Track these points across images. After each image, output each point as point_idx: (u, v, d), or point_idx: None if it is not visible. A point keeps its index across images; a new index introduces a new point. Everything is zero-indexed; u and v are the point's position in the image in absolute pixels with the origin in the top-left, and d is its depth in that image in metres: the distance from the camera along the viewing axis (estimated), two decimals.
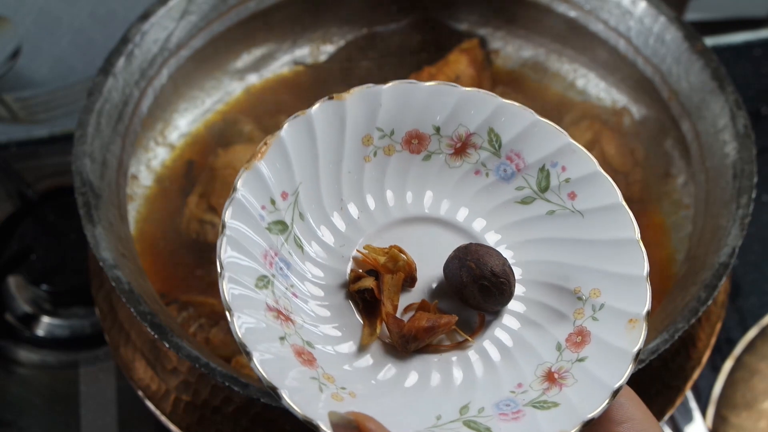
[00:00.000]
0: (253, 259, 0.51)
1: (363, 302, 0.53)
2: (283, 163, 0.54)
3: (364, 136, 0.56)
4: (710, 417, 0.95)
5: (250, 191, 0.52)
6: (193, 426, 0.77)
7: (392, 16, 1.01)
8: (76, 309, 0.99)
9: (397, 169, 0.57)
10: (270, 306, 0.50)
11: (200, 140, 0.96)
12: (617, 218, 0.54)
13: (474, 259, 0.52)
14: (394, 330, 0.52)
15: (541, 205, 0.56)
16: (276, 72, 1.01)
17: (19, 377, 0.97)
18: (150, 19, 0.88)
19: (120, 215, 0.81)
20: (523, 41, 1.01)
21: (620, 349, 0.50)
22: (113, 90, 0.85)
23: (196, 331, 0.83)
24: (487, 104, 0.57)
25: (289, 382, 0.48)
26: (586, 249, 0.54)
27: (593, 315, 0.53)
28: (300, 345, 0.50)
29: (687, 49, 0.88)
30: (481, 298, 0.52)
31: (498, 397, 0.51)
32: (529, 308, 0.54)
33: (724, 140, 0.82)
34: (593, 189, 0.55)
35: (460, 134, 0.57)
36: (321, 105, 0.55)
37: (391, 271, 0.53)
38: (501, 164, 0.57)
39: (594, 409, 0.49)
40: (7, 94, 1.12)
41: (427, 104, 0.57)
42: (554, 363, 0.52)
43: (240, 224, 0.51)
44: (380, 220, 0.56)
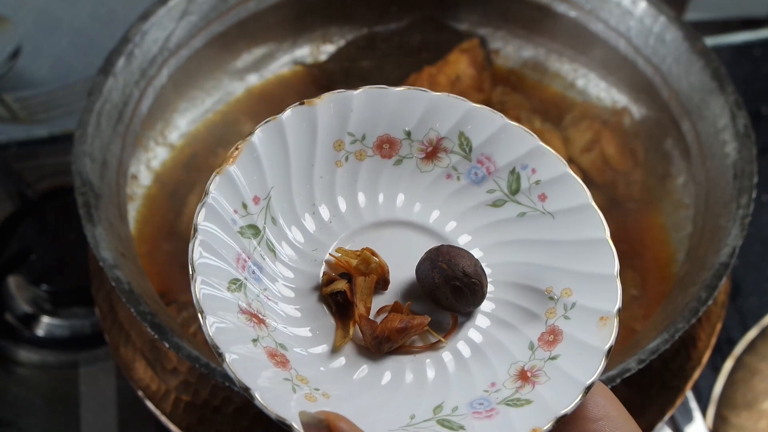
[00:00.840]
0: (225, 262, 0.51)
1: (336, 305, 0.53)
2: (255, 168, 0.54)
3: (336, 141, 0.57)
4: (710, 417, 0.95)
5: (222, 195, 0.53)
6: (193, 426, 0.77)
7: (392, 16, 1.01)
8: (76, 309, 0.99)
9: (369, 174, 0.57)
10: (242, 308, 0.51)
11: (200, 140, 0.96)
12: (587, 218, 0.55)
13: (446, 260, 0.52)
14: (367, 332, 0.52)
15: (512, 208, 0.57)
16: (276, 72, 1.01)
17: (19, 377, 0.97)
18: (150, 19, 0.88)
19: (120, 215, 0.81)
20: (523, 41, 1.01)
21: (592, 346, 0.51)
22: (113, 90, 0.85)
23: (196, 331, 0.83)
24: (457, 108, 0.57)
25: (262, 382, 0.48)
26: (557, 249, 0.55)
27: (565, 314, 0.53)
28: (273, 347, 0.50)
29: (687, 49, 0.88)
30: (453, 299, 0.53)
31: (472, 396, 0.51)
32: (501, 309, 0.55)
33: (724, 140, 0.82)
34: (563, 190, 0.56)
35: (430, 138, 0.58)
36: (292, 110, 0.55)
37: (364, 274, 0.54)
38: (472, 168, 0.58)
39: (567, 405, 0.49)
40: (7, 94, 1.12)
41: (397, 109, 0.57)
42: (527, 362, 0.52)
43: (212, 227, 0.52)
44: (352, 223, 0.56)
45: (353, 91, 0.56)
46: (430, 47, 1.00)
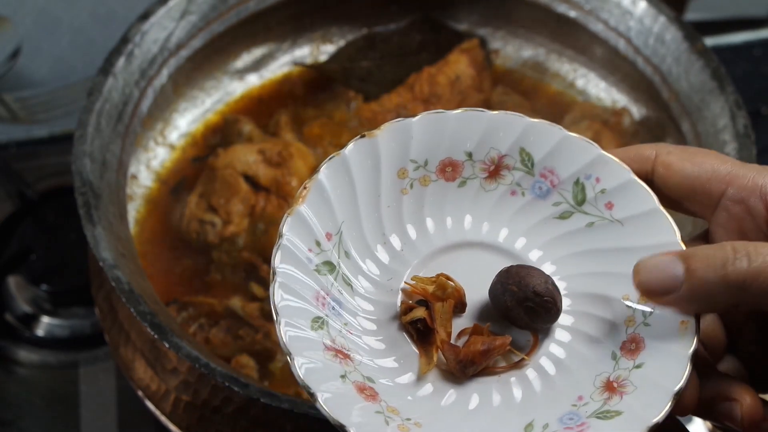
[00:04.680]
0: (306, 302, 0.52)
1: (416, 332, 0.53)
2: (324, 205, 0.54)
3: (399, 169, 0.57)
4: None
5: (296, 235, 0.53)
6: (193, 426, 0.77)
7: (392, 16, 1.01)
8: (76, 309, 0.99)
9: (435, 199, 0.57)
10: (327, 346, 0.51)
11: (200, 140, 0.96)
12: (657, 223, 0.55)
13: (515, 281, 0.52)
14: (450, 357, 0.52)
15: (579, 218, 0.57)
16: (276, 72, 1.01)
17: (19, 377, 0.96)
18: (150, 19, 0.88)
19: (120, 215, 0.81)
20: (523, 41, 1.01)
21: (676, 351, 0.51)
22: (113, 90, 0.85)
23: (196, 331, 0.83)
24: (516, 125, 0.57)
25: (355, 418, 0.48)
26: (630, 256, 0.54)
27: (644, 321, 0.53)
28: (361, 381, 0.50)
29: (687, 49, 0.88)
30: (528, 320, 0.53)
31: (560, 411, 0.51)
32: (580, 321, 0.54)
33: (724, 140, 0.82)
34: (629, 197, 0.56)
35: (492, 157, 0.57)
36: (354, 144, 0.55)
37: (441, 299, 0.54)
38: (536, 182, 0.58)
39: (657, 413, 0.49)
40: (7, 94, 1.12)
41: (456, 131, 0.57)
42: (612, 372, 0.52)
43: (290, 268, 0.52)
44: (423, 249, 0.56)
45: (412, 119, 0.56)
46: (430, 47, 1.00)
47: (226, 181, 0.89)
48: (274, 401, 0.68)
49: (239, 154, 0.90)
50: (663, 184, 0.54)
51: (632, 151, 0.55)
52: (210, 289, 0.86)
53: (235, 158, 0.90)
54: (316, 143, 0.94)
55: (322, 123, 0.95)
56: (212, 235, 0.88)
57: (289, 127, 0.95)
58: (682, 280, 0.49)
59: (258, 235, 0.88)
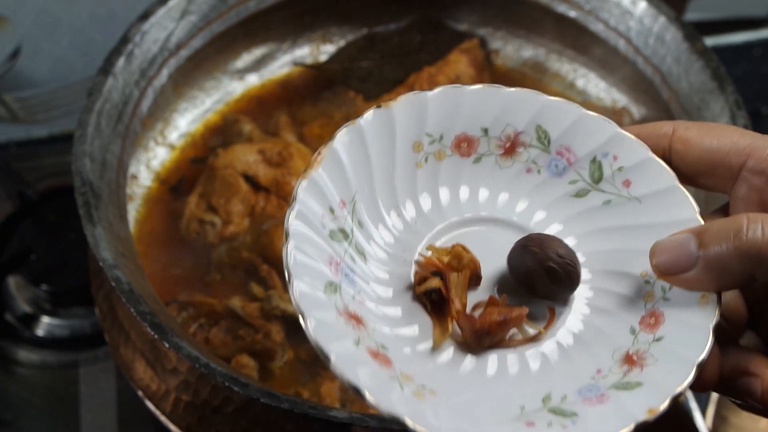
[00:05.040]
0: (319, 265, 0.51)
1: (431, 303, 0.53)
2: (338, 172, 0.54)
3: (415, 142, 0.56)
4: (710, 417, 0.95)
5: (310, 200, 0.52)
6: (193, 426, 0.77)
7: (392, 16, 1.01)
8: (76, 309, 0.99)
9: (449, 174, 0.57)
10: (340, 311, 0.50)
11: (200, 140, 0.96)
12: (675, 199, 0.54)
13: (537, 244, 0.52)
14: (466, 327, 0.52)
15: (596, 196, 0.56)
16: (276, 72, 1.01)
17: (19, 377, 0.97)
18: (150, 19, 0.88)
19: (120, 215, 0.81)
20: (523, 41, 1.01)
21: (697, 324, 0.50)
22: (113, 90, 0.85)
23: (196, 331, 0.83)
24: (533, 102, 0.57)
25: (369, 381, 0.47)
26: (648, 233, 0.54)
27: (664, 296, 0.52)
28: (374, 348, 0.50)
29: (687, 49, 0.88)
30: (549, 281, 0.52)
31: (579, 384, 0.50)
32: (598, 296, 0.54)
33: None
34: (647, 174, 0.55)
35: (508, 134, 0.57)
36: (370, 114, 0.55)
37: (457, 270, 0.53)
38: (552, 160, 0.57)
39: (681, 383, 0.48)
40: (7, 94, 1.12)
41: (473, 107, 0.57)
42: (630, 346, 0.51)
43: (304, 229, 0.51)
44: (437, 222, 0.56)
45: (428, 92, 0.56)
46: (430, 47, 1.00)
47: (226, 181, 0.89)
48: (274, 401, 0.68)
49: (239, 154, 0.90)
50: (681, 160, 0.54)
51: (649, 128, 0.55)
52: (210, 289, 0.86)
53: (235, 158, 0.90)
54: (316, 143, 0.94)
55: (322, 123, 0.95)
56: (212, 235, 0.88)
57: (289, 127, 0.95)
58: (696, 257, 0.48)
59: (258, 235, 0.88)
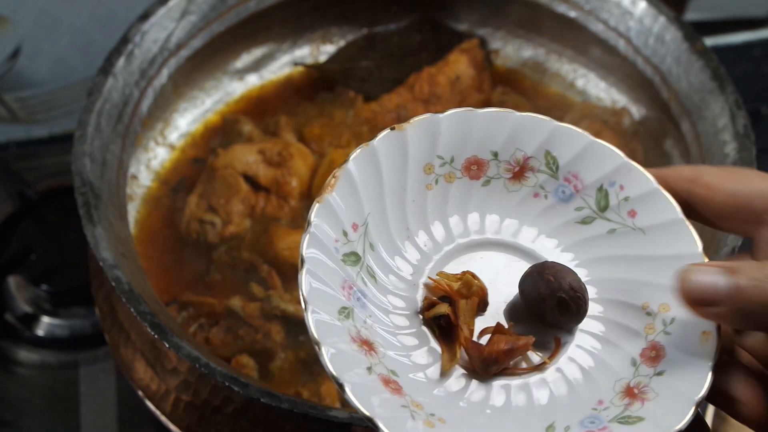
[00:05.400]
0: (333, 290, 0.51)
1: (439, 328, 0.53)
2: (352, 195, 0.54)
3: (426, 164, 0.57)
4: (710, 417, 0.95)
5: (324, 223, 0.52)
6: (193, 426, 0.77)
7: (392, 16, 1.01)
8: (76, 309, 0.99)
9: (459, 196, 0.57)
10: (353, 337, 0.50)
11: (200, 140, 0.96)
12: (679, 233, 0.55)
13: (552, 273, 0.52)
14: (473, 354, 0.52)
15: (601, 224, 0.57)
16: (276, 72, 1.01)
17: (19, 377, 0.97)
18: (150, 19, 0.88)
19: (120, 215, 0.81)
20: (523, 41, 1.01)
21: (697, 361, 0.51)
22: (113, 90, 0.85)
23: (196, 331, 0.83)
24: (543, 128, 0.57)
25: (382, 411, 0.48)
26: (651, 265, 0.54)
27: (665, 329, 0.53)
28: (386, 374, 0.50)
29: (687, 49, 0.88)
30: (558, 312, 0.53)
31: (581, 414, 0.51)
32: (600, 326, 0.54)
33: (724, 140, 0.82)
34: (653, 206, 0.56)
35: (517, 158, 0.57)
36: (383, 136, 0.55)
37: (466, 297, 0.53)
38: (559, 186, 0.58)
39: (679, 421, 0.49)
40: (7, 94, 1.13)
41: (484, 130, 0.57)
42: (631, 378, 0.52)
43: (318, 255, 0.51)
44: (446, 246, 0.56)
45: (440, 115, 0.56)
46: (430, 47, 1.00)
47: (226, 181, 0.89)
48: (274, 401, 0.68)
49: (239, 154, 0.90)
50: (705, 204, 0.54)
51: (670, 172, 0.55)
52: (210, 289, 0.86)
53: (235, 158, 0.90)
54: (316, 143, 0.94)
55: (322, 123, 0.95)
56: (212, 235, 0.88)
57: (289, 127, 0.95)
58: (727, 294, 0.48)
59: (258, 235, 0.88)
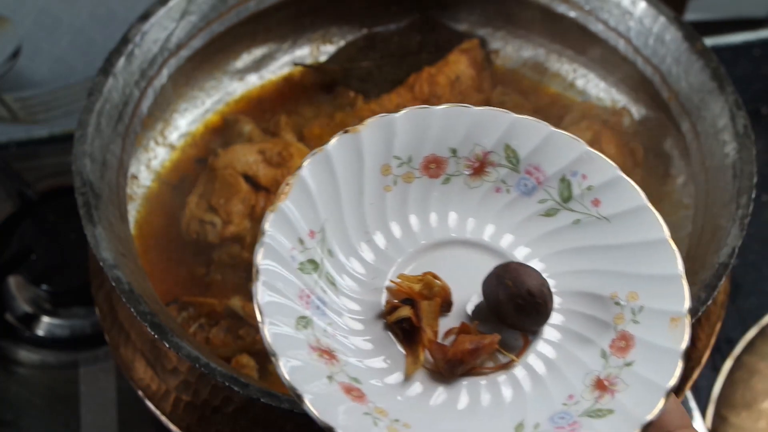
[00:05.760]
0: (290, 300, 0.51)
1: (402, 332, 0.53)
2: (307, 202, 0.53)
3: (383, 165, 0.56)
4: (710, 417, 0.95)
5: (279, 233, 0.52)
6: (193, 426, 0.77)
7: (392, 16, 1.01)
8: (76, 309, 0.99)
9: (419, 196, 0.57)
10: (313, 346, 0.50)
11: (200, 140, 0.96)
12: (644, 220, 0.54)
13: (512, 277, 0.52)
14: (438, 356, 0.52)
15: (566, 216, 0.56)
16: (276, 72, 1.01)
17: (19, 377, 0.97)
18: (150, 19, 0.88)
19: (120, 215, 0.81)
20: (523, 41, 1.01)
21: (666, 348, 0.50)
22: (113, 90, 0.85)
23: (196, 331, 0.83)
24: (501, 121, 0.57)
25: (343, 420, 0.47)
26: (617, 254, 0.54)
27: (633, 318, 0.52)
28: (347, 382, 0.50)
29: (687, 49, 0.88)
30: (516, 317, 0.52)
31: (551, 411, 0.50)
32: (569, 319, 0.54)
33: (724, 140, 0.82)
34: (616, 194, 0.55)
35: (477, 154, 0.57)
36: (337, 140, 0.55)
37: (427, 298, 0.53)
38: (521, 179, 0.57)
39: (650, 411, 0.48)
40: (7, 94, 1.12)
41: (441, 128, 0.56)
42: (602, 371, 0.51)
43: (273, 265, 0.51)
44: (407, 248, 0.56)
45: (395, 114, 0.56)
46: (430, 47, 1.00)
47: (226, 181, 0.89)
48: (274, 401, 0.68)
49: (239, 154, 0.90)
50: None
51: None
52: (210, 289, 0.86)
53: (235, 158, 0.90)
54: (316, 143, 0.93)
55: (322, 123, 0.95)
56: (212, 235, 0.88)
57: (289, 127, 0.95)
58: None
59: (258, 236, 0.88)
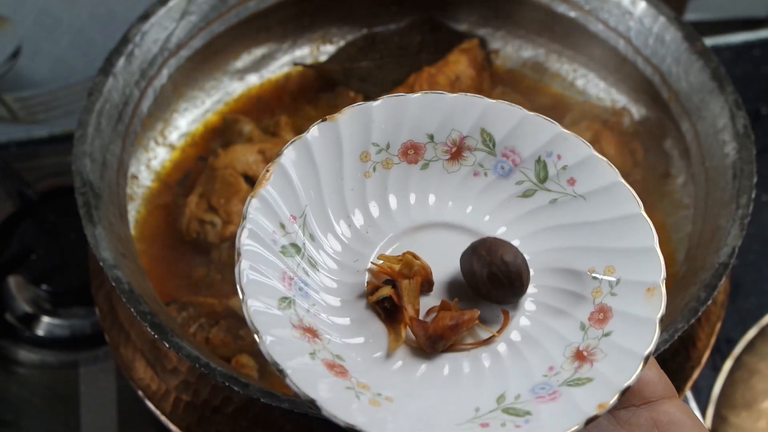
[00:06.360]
0: (272, 281, 0.52)
1: (384, 311, 0.54)
2: (288, 188, 0.55)
3: (362, 152, 0.57)
4: (710, 417, 0.95)
5: (260, 217, 0.53)
6: (193, 426, 0.77)
7: (392, 16, 1.01)
8: (76, 309, 0.99)
9: (398, 181, 0.58)
10: (295, 325, 0.51)
11: (200, 140, 0.96)
12: (618, 196, 0.56)
13: (486, 248, 0.53)
14: (419, 333, 0.53)
15: (543, 196, 0.58)
16: (276, 72, 1.01)
17: (19, 377, 0.97)
18: (150, 19, 0.88)
19: (120, 215, 0.81)
20: (523, 41, 1.01)
21: (643, 317, 0.52)
22: (113, 90, 0.85)
23: (196, 331, 0.83)
24: (476, 106, 0.58)
25: (325, 393, 0.48)
26: (594, 230, 0.56)
27: (611, 291, 0.54)
28: (330, 359, 0.51)
29: (687, 49, 0.88)
30: (491, 287, 0.53)
31: (532, 382, 0.52)
32: (547, 295, 0.55)
33: (724, 140, 0.82)
34: (591, 172, 0.57)
35: (453, 139, 0.58)
36: (316, 128, 0.56)
37: (408, 277, 0.54)
38: (498, 162, 0.58)
39: (628, 377, 0.50)
40: (7, 94, 1.12)
41: (418, 114, 0.58)
42: (581, 342, 0.53)
43: (255, 247, 0.52)
44: (388, 231, 0.57)
45: (372, 102, 0.57)
46: (430, 47, 1.00)
47: (226, 181, 0.89)
48: (274, 401, 0.68)
49: (239, 154, 0.90)
50: None
51: None
52: (210, 289, 0.86)
53: (235, 158, 0.90)
54: None
55: None
56: (212, 235, 0.88)
57: (289, 127, 0.95)
58: None
59: None
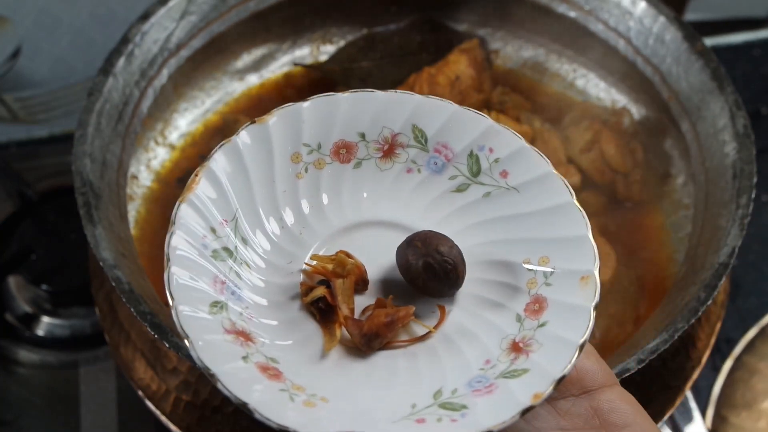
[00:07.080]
0: (203, 286, 0.52)
1: (319, 312, 0.54)
2: (217, 192, 0.55)
3: (293, 154, 0.58)
4: (710, 417, 0.95)
5: (190, 221, 0.53)
6: (193, 426, 0.77)
7: (392, 16, 1.02)
8: (76, 309, 0.99)
9: (331, 181, 0.58)
10: (227, 329, 0.51)
11: (200, 140, 0.96)
12: (550, 186, 0.56)
13: (422, 239, 0.53)
14: (354, 332, 0.53)
15: (476, 189, 0.58)
16: (276, 72, 1.01)
17: (19, 377, 0.97)
18: (150, 19, 0.88)
19: (120, 215, 0.81)
20: (523, 41, 1.01)
21: (578, 306, 0.52)
22: (113, 90, 0.85)
23: None
24: (407, 103, 0.58)
25: (257, 396, 0.48)
26: (527, 221, 0.56)
27: (546, 281, 0.54)
28: (264, 362, 0.51)
29: (687, 49, 0.88)
30: (426, 277, 0.53)
31: (468, 376, 0.52)
32: (484, 288, 0.56)
33: (724, 140, 0.82)
34: (523, 163, 0.57)
35: (385, 136, 0.59)
36: (245, 131, 0.57)
37: (341, 276, 0.54)
38: (430, 158, 0.59)
39: (563, 366, 0.50)
40: (7, 94, 1.12)
41: (348, 113, 0.58)
42: (517, 334, 0.53)
43: (184, 252, 0.52)
44: (322, 231, 0.57)
45: (302, 103, 0.57)
46: (430, 47, 1.00)
47: None
48: None
49: None
50: None
51: None
52: None
53: None
54: None
55: None
56: None
57: None
58: None
59: None
